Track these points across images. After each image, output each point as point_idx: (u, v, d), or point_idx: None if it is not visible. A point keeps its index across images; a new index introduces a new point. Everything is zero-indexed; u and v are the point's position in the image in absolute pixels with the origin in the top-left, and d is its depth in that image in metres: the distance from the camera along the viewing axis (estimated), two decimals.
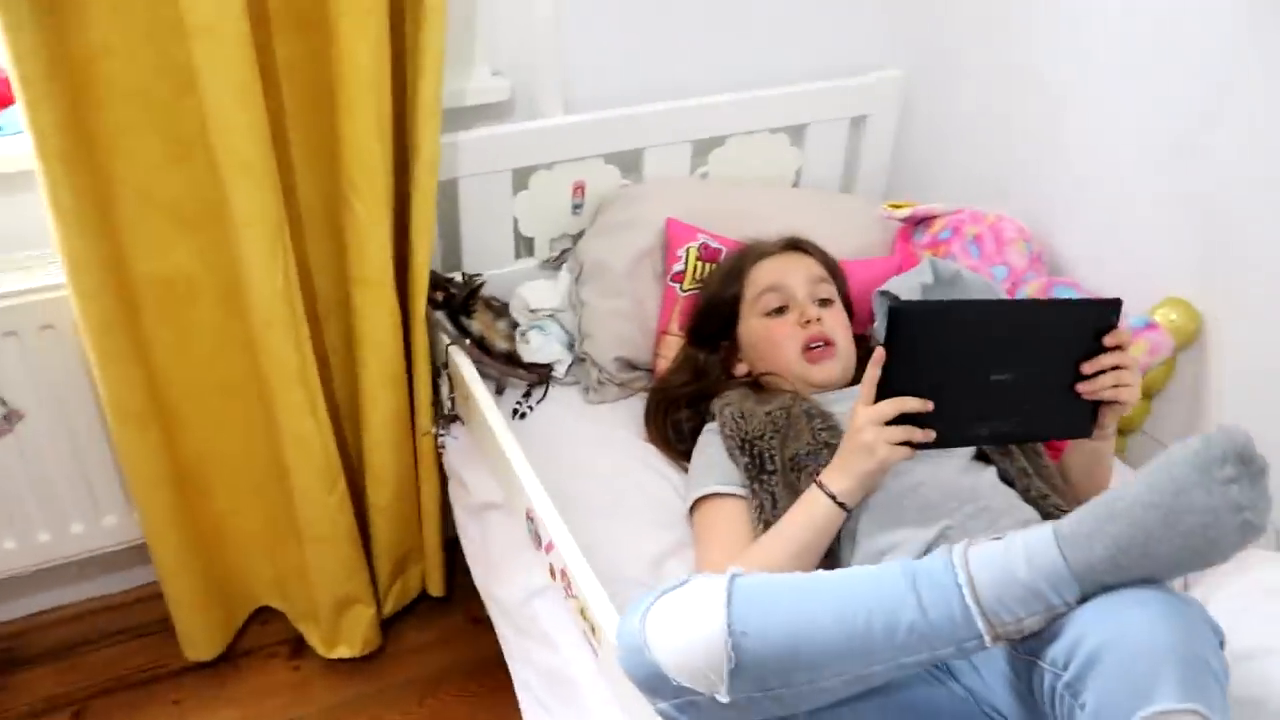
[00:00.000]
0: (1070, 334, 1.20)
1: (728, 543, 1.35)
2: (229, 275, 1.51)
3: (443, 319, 1.67)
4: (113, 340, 1.49)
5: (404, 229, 1.60)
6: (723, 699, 0.98)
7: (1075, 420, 1.25)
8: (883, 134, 2.08)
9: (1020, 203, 1.85)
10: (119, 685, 1.86)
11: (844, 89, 1.99)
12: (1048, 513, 1.34)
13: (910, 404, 1.17)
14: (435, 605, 2.02)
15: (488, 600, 1.59)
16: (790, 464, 1.37)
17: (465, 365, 1.65)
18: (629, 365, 1.77)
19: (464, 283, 1.70)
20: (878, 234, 1.92)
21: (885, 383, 1.19)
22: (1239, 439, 0.92)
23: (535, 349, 1.75)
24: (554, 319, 1.79)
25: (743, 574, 1.03)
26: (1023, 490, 1.37)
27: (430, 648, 1.97)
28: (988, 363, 1.17)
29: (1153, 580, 0.94)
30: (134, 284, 1.50)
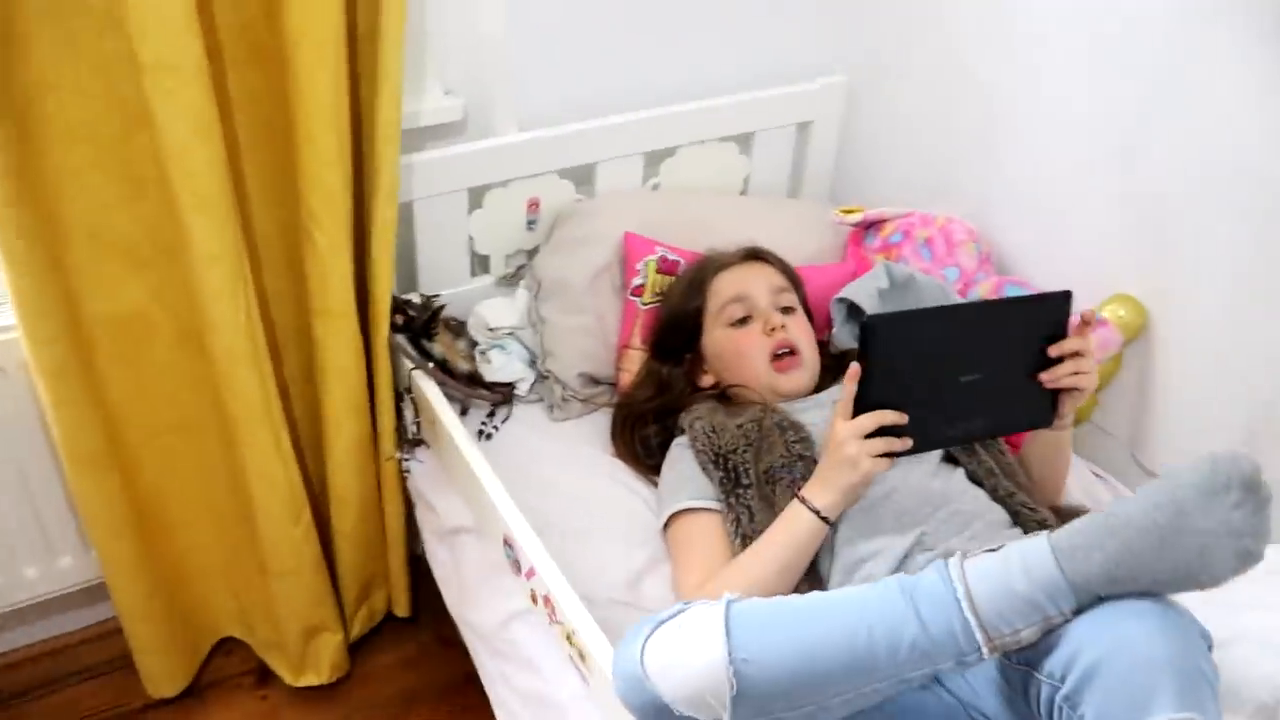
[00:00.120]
0: (1028, 329, 1.26)
1: (706, 559, 1.36)
2: (186, 313, 1.48)
3: (404, 343, 1.65)
4: (66, 385, 1.45)
5: (361, 255, 1.58)
6: None
7: (1036, 411, 1.31)
8: (827, 139, 2.11)
9: (964, 204, 1.88)
10: None
11: (789, 96, 2.01)
12: (1016, 511, 1.38)
13: (889, 417, 1.20)
14: (402, 626, 2.00)
15: (461, 624, 1.58)
16: (765, 477, 1.39)
17: (430, 390, 1.63)
18: (592, 380, 1.77)
19: (423, 305, 1.69)
20: (829, 238, 1.95)
21: (862, 395, 1.21)
22: (1246, 466, 0.93)
23: (498, 368, 1.75)
24: (514, 337, 1.78)
25: (738, 600, 1.04)
26: (991, 490, 1.40)
27: (399, 670, 1.95)
28: (956, 366, 1.22)
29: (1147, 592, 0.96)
30: (88, 325, 1.46)
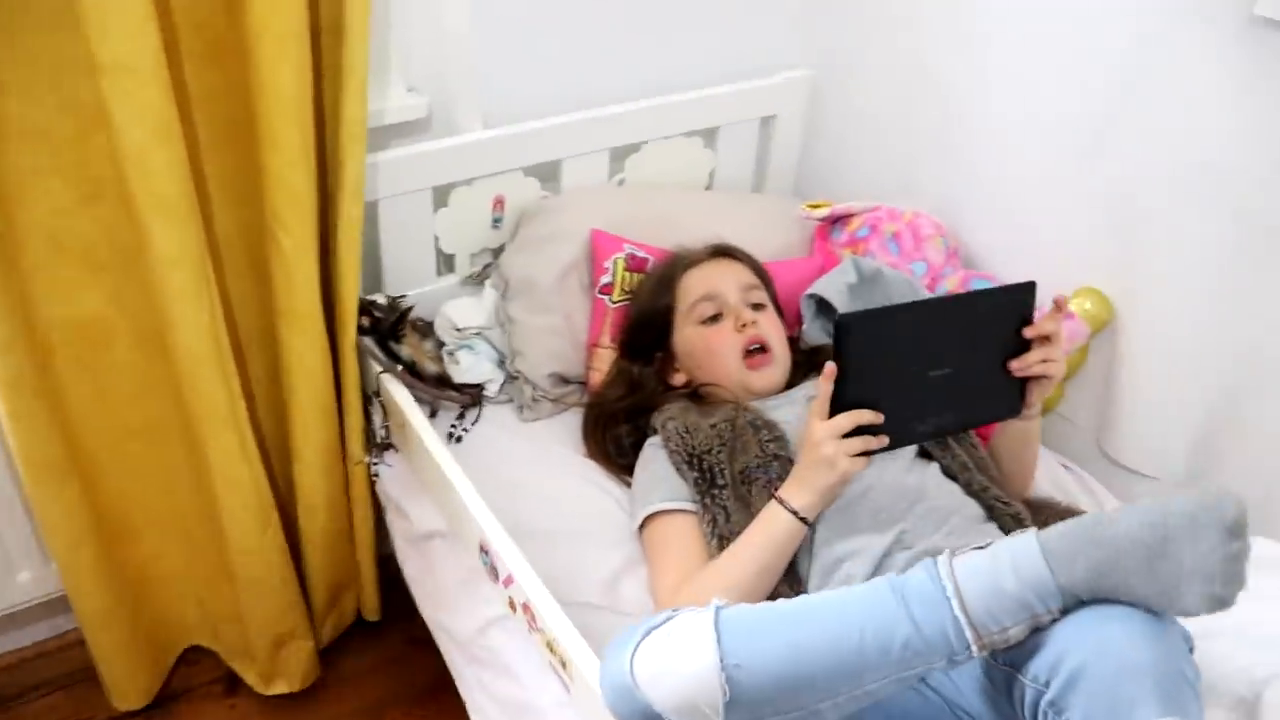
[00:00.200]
0: (996, 321, 1.27)
1: (682, 561, 1.35)
2: (147, 316, 1.44)
3: (371, 345, 1.62)
4: (21, 396, 1.40)
5: (326, 255, 1.55)
6: None
7: (1005, 402, 1.33)
8: (791, 133, 2.10)
9: (928, 200, 1.88)
10: None
11: (753, 90, 2.01)
12: (990, 505, 1.39)
13: (866, 416, 1.20)
14: (371, 630, 1.98)
15: (436, 630, 1.57)
16: (740, 477, 1.38)
17: (400, 394, 1.61)
18: (562, 380, 1.76)
19: (390, 306, 1.66)
20: (796, 233, 1.94)
21: (837, 394, 1.21)
22: (1231, 510, 0.93)
23: (466, 369, 1.72)
24: (482, 337, 1.76)
25: (726, 605, 1.04)
26: (965, 484, 1.41)
27: (370, 674, 1.93)
28: (927, 361, 1.22)
29: None
30: (44, 330, 1.42)
